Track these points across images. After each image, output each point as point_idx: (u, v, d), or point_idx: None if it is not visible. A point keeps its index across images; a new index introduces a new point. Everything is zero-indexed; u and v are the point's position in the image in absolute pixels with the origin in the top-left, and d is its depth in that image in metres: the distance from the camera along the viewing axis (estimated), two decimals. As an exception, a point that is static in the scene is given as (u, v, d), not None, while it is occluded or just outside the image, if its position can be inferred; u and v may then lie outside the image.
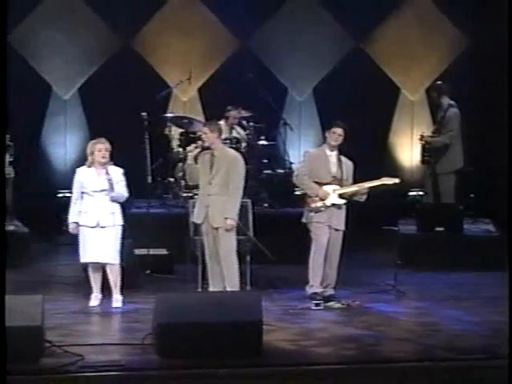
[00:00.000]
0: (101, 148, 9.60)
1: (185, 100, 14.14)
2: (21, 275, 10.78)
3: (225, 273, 9.55)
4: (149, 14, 14.09)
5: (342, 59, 14.41)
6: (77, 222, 9.61)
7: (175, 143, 12.89)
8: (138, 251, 10.82)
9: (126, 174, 9.73)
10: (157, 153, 12.76)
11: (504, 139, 12.28)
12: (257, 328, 8.08)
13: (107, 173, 9.55)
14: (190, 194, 11.51)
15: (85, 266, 9.92)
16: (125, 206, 9.93)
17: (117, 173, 9.67)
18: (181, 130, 12.70)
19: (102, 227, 9.57)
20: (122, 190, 9.64)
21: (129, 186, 9.77)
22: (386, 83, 14.56)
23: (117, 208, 9.67)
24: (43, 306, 8.06)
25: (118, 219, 9.67)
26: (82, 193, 9.65)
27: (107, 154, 9.61)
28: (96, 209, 9.59)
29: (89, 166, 9.64)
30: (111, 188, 9.54)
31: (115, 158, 9.75)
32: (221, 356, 7.82)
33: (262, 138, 12.59)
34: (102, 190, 9.57)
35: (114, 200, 9.60)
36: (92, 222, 9.58)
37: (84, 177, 9.65)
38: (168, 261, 11.11)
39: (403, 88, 14.72)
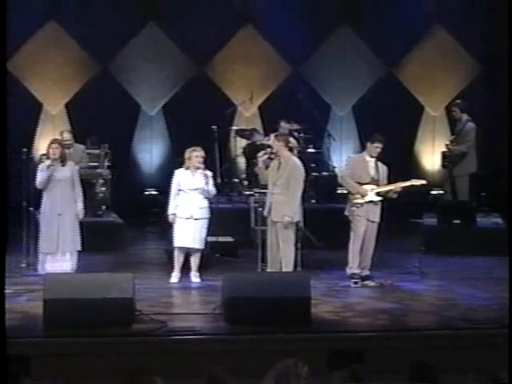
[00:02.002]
0: (197, 155, 9.68)
1: (247, 116, 14.15)
2: (116, 257, 10.87)
3: (282, 259, 9.51)
4: (219, 46, 14.11)
5: (376, 82, 14.33)
6: (174, 214, 9.69)
7: (239, 151, 12.93)
8: (209, 238, 10.84)
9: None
10: (224, 158, 12.79)
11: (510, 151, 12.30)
12: (306, 302, 8.10)
13: (205, 175, 9.60)
14: (251, 192, 11.51)
15: (168, 250, 9.99)
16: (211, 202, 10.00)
17: (209, 174, 9.74)
18: (248, 142, 12.73)
19: (196, 219, 9.63)
20: (212, 189, 9.71)
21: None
22: (412, 102, 14.47)
23: (206, 203, 9.74)
24: (134, 281, 8.15)
25: (207, 213, 9.73)
26: (179, 190, 9.72)
27: (202, 160, 9.68)
28: (190, 204, 9.64)
29: (186, 169, 9.70)
30: (206, 186, 9.60)
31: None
32: (277, 324, 7.84)
33: (310, 146, 12.55)
34: (196, 189, 9.63)
35: (206, 197, 9.66)
36: (186, 214, 9.63)
37: (181, 177, 9.71)
38: (233, 246, 11.11)
39: (426, 106, 14.61)
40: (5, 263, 6.71)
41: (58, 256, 9.63)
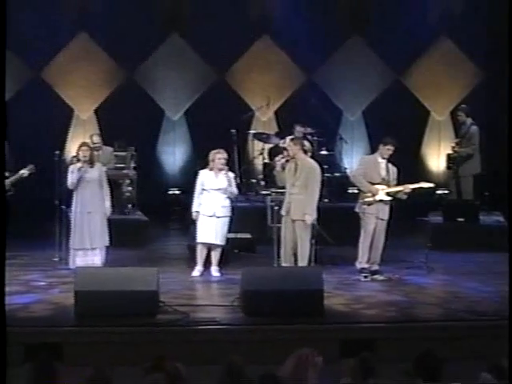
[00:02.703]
0: (220, 157, 9.67)
1: (264, 120, 14.13)
2: (141, 252, 10.86)
3: (299, 254, 9.47)
4: (238, 55, 14.10)
5: (385, 89, 14.29)
6: (198, 211, 9.69)
7: (257, 153, 12.91)
8: (229, 235, 10.82)
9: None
10: (242, 160, 12.78)
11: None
12: (319, 294, 8.08)
13: (228, 176, 9.60)
14: (268, 192, 11.49)
15: (190, 245, 9.98)
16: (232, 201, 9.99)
17: (231, 176, 9.74)
18: (269, 145, 12.72)
19: (218, 217, 9.62)
20: (234, 189, 9.70)
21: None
22: (419, 107, 14.41)
23: (228, 202, 9.72)
24: (158, 275, 8.16)
25: (229, 211, 9.72)
26: (202, 190, 9.72)
27: (225, 162, 9.68)
28: (213, 202, 9.63)
29: (210, 170, 9.70)
30: (229, 187, 9.59)
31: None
32: (292, 315, 7.83)
33: (323, 149, 12.51)
34: (219, 189, 9.62)
35: (228, 196, 9.66)
36: (209, 212, 9.62)
37: (205, 178, 9.71)
38: (251, 243, 11.07)
39: (432, 111, 14.55)
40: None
41: (88, 251, 9.65)
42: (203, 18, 13.72)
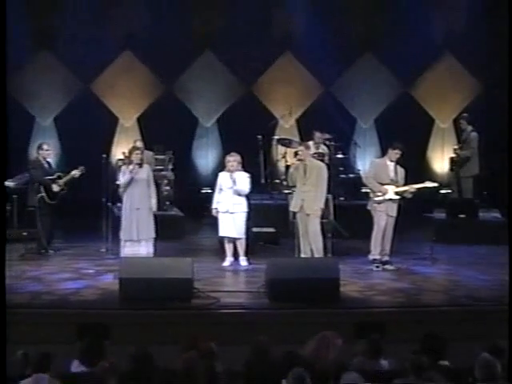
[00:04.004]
0: (229, 159, 9.68)
1: (287, 127, 14.09)
2: (178, 245, 10.85)
3: (312, 245, 9.45)
4: (263, 69, 14.04)
5: (394, 99, 14.19)
6: (216, 208, 9.69)
7: (280, 156, 12.86)
8: (255, 229, 10.85)
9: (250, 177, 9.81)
10: (267, 163, 12.74)
11: (507, 155, 12.16)
12: (335, 282, 8.06)
13: (232, 176, 9.58)
14: (289, 191, 11.45)
15: (220, 239, 9.99)
16: (249, 199, 9.98)
17: (243, 176, 9.71)
18: (294, 150, 12.68)
19: (231, 213, 9.60)
20: (242, 187, 9.65)
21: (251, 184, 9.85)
22: (425, 116, 14.30)
23: (242, 200, 9.69)
24: (192, 265, 8.17)
25: (243, 207, 9.69)
26: (220, 189, 9.73)
27: (235, 164, 9.66)
28: (227, 200, 9.63)
29: (226, 171, 9.71)
30: (234, 185, 9.57)
31: (244, 166, 9.82)
32: (311, 300, 7.81)
33: (339, 153, 12.44)
34: (231, 187, 9.62)
35: (238, 193, 9.63)
36: (224, 208, 9.62)
37: (221, 178, 9.74)
38: (275, 236, 11.04)
39: (436, 119, 14.44)
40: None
41: (135, 242, 9.63)
42: (232, 36, 13.70)
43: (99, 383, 5.14)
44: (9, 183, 11.63)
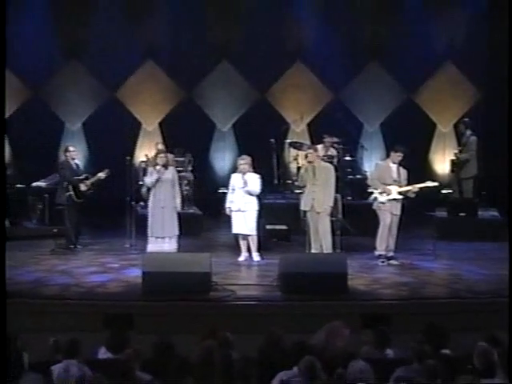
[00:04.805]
0: (240, 162, 9.70)
1: (298, 131, 14.06)
2: (196, 241, 10.85)
3: (322, 241, 9.43)
4: (276, 77, 14.02)
5: (398, 105, 14.12)
6: (229, 207, 9.70)
7: (292, 159, 12.85)
8: (268, 226, 10.84)
9: (262, 178, 9.78)
10: (280, 164, 12.72)
11: (505, 157, 12.11)
12: (344, 276, 8.05)
13: (244, 178, 9.59)
14: (300, 191, 11.43)
15: (236, 235, 9.99)
16: (261, 198, 9.98)
17: (254, 177, 9.69)
18: (305, 152, 12.66)
19: (243, 211, 9.60)
20: (254, 188, 9.62)
21: (263, 185, 9.82)
22: (427, 121, 14.23)
23: (253, 199, 9.67)
24: (210, 259, 8.17)
25: (254, 206, 9.67)
26: (233, 189, 9.73)
27: (246, 166, 9.65)
28: (238, 199, 9.62)
29: (239, 172, 9.72)
30: (245, 186, 9.58)
31: (258, 168, 9.81)
32: (321, 293, 7.80)
33: (347, 155, 12.41)
34: (243, 188, 9.62)
35: (249, 193, 9.63)
36: (236, 207, 9.62)
37: (234, 179, 9.73)
38: (287, 233, 11.00)
39: (438, 124, 14.37)
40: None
41: (159, 239, 9.63)
42: (248, 47, 13.70)
43: (124, 369, 5.16)
44: (40, 183, 11.74)
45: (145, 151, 12.95)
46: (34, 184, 11.74)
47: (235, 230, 9.69)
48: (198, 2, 13.66)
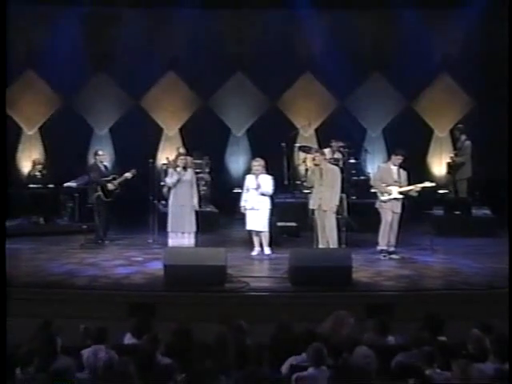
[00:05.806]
0: (254, 164, 9.69)
1: (306, 136, 14.04)
2: (213, 236, 10.84)
3: (329, 237, 9.40)
4: (287, 86, 14.00)
5: (399, 112, 14.07)
6: (244, 206, 9.70)
7: (301, 161, 12.82)
8: (279, 223, 10.82)
9: (274, 179, 9.78)
10: (290, 166, 12.70)
11: (496, 160, 12.06)
12: (348, 270, 8.02)
13: (257, 179, 9.59)
14: (309, 191, 11.40)
15: (249, 232, 9.99)
16: (273, 197, 9.97)
17: (266, 178, 9.69)
18: (312, 156, 12.64)
19: (256, 209, 9.59)
20: (266, 188, 9.61)
21: (275, 185, 9.81)
22: (425, 126, 14.18)
23: (265, 198, 9.65)
24: (226, 254, 8.18)
25: (267, 204, 9.65)
26: (247, 189, 9.73)
27: (260, 168, 9.65)
28: (252, 199, 9.62)
29: (252, 174, 9.72)
30: (259, 187, 9.58)
31: (270, 169, 9.79)
32: (328, 285, 7.79)
33: (352, 158, 12.36)
34: (256, 188, 9.62)
35: (261, 193, 9.63)
36: (250, 206, 9.61)
37: (248, 180, 9.72)
38: (296, 229, 10.99)
39: (435, 129, 14.31)
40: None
41: (179, 234, 9.65)
42: (260, 59, 13.69)
43: (147, 353, 5.18)
44: (71, 184, 11.80)
45: (166, 154, 12.98)
46: (66, 184, 11.80)
47: (249, 226, 9.69)
48: (214, 19, 13.67)
